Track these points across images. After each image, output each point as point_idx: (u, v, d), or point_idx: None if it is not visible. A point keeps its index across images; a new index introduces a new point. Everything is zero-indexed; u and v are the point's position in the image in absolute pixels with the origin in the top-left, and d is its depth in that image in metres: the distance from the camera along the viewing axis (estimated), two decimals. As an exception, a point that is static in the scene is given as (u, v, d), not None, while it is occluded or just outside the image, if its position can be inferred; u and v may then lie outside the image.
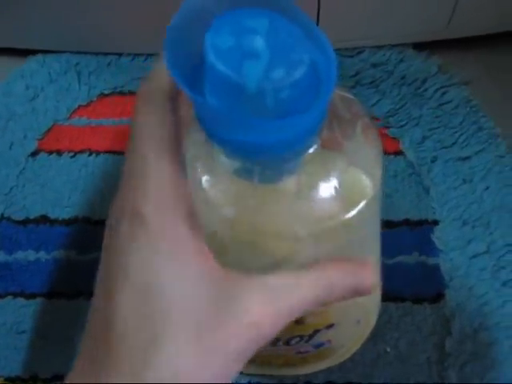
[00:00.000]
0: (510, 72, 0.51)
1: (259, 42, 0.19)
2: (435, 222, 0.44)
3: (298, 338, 0.33)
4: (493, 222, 0.43)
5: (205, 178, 0.24)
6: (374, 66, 0.51)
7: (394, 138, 0.48)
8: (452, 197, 0.45)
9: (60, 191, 0.47)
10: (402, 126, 0.48)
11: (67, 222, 0.46)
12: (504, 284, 0.41)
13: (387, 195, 0.45)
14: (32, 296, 0.43)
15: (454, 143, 0.47)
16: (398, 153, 0.47)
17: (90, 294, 0.41)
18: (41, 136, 0.50)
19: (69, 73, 0.52)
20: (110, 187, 0.47)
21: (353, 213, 0.24)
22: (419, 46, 0.52)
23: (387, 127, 0.48)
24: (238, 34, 0.19)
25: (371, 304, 0.33)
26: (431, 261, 0.42)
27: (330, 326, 0.32)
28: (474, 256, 0.42)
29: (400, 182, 0.46)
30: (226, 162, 0.23)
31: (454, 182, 0.45)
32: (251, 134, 0.19)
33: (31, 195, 0.47)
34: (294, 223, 0.24)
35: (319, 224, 0.24)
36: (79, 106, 0.51)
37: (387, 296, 0.41)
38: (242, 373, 0.41)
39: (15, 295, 0.43)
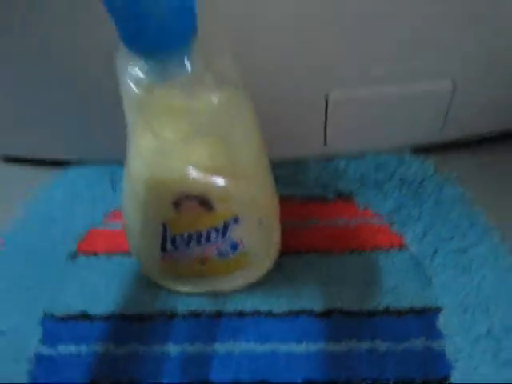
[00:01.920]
0: (500, 170, 0.57)
1: None
2: (438, 309, 0.48)
3: (214, 233, 0.41)
4: (491, 308, 0.47)
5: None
6: (377, 169, 0.57)
7: (398, 234, 0.53)
8: (453, 285, 0.49)
9: (97, 289, 0.52)
10: (404, 223, 0.53)
11: (105, 318, 0.50)
12: (504, 364, 0.45)
13: (394, 286, 0.49)
14: (74, 387, 0.47)
15: (452, 236, 0.52)
16: (402, 247, 0.52)
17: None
18: (79, 239, 0.55)
19: (103, 181, 0.59)
20: (142, 284, 0.52)
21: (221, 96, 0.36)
22: (416, 150, 0.58)
23: (391, 224, 0.53)
24: None
25: (267, 203, 0.44)
26: (437, 345, 0.46)
27: (237, 220, 0.41)
28: (476, 339, 0.46)
29: (405, 273, 0.50)
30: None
31: (454, 272, 0.50)
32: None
33: (71, 294, 0.51)
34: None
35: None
36: (114, 211, 0.56)
37: (398, 380, 0.45)
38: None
39: (58, 387, 0.47)
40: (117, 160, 0.57)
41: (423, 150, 0.58)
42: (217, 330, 0.49)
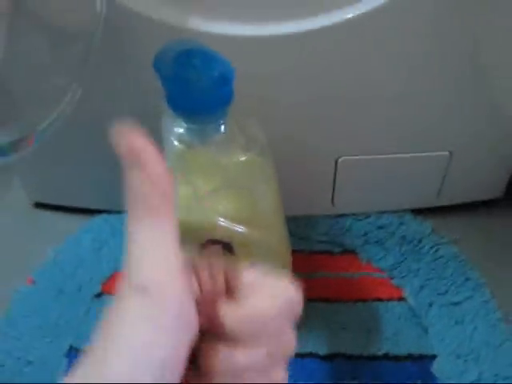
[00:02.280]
0: (492, 232, 0.62)
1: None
2: (434, 356, 0.52)
3: None
4: (482, 356, 0.52)
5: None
6: (379, 228, 0.62)
7: (398, 287, 0.58)
8: (447, 335, 0.53)
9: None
10: (403, 277, 0.58)
11: (126, 353, 0.54)
12: (493, 409, 0.49)
13: (393, 334, 0.54)
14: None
15: (446, 291, 0.57)
16: (401, 299, 0.57)
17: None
18: (104, 280, 0.60)
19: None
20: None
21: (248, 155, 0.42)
22: (416, 211, 0.63)
23: (391, 278, 0.58)
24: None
25: (283, 251, 0.49)
26: (432, 389, 0.51)
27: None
28: (467, 385, 0.50)
29: (403, 322, 0.55)
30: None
31: (448, 323, 0.54)
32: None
33: (95, 329, 0.56)
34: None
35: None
36: (137, 257, 0.61)
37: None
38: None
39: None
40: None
41: (422, 211, 0.63)
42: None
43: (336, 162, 0.57)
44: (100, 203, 0.65)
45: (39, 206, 0.68)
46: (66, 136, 0.56)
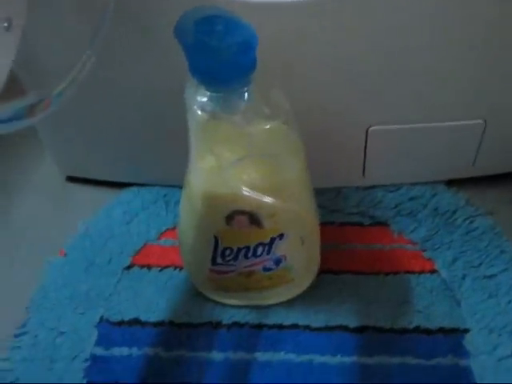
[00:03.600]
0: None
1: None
2: (466, 330, 0.51)
3: (261, 248, 0.46)
4: (516, 331, 0.51)
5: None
6: (411, 199, 0.61)
7: (430, 259, 0.56)
8: (480, 309, 0.52)
9: (150, 298, 0.56)
10: (436, 249, 0.57)
11: (155, 324, 0.54)
12: (527, 383, 0.48)
13: (424, 307, 0.53)
14: (125, 387, 0.51)
15: (480, 263, 0.55)
16: (433, 272, 0.55)
17: (174, 385, 0.49)
18: (134, 253, 0.60)
19: (158, 202, 0.64)
20: (191, 296, 0.56)
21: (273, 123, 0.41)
22: (449, 183, 0.62)
23: (423, 250, 0.57)
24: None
25: (310, 221, 0.48)
26: (463, 363, 0.49)
27: (282, 236, 0.46)
28: (500, 359, 0.49)
29: (435, 296, 0.54)
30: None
31: (481, 297, 0.53)
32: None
33: (126, 301, 0.56)
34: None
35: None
36: (166, 230, 0.61)
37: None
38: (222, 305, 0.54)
39: (111, 385, 0.51)
40: (171, 183, 0.64)
41: (456, 182, 0.62)
42: (258, 341, 0.52)
43: (367, 132, 0.56)
44: (130, 176, 0.66)
45: (71, 179, 0.68)
46: (95, 109, 0.57)
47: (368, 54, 0.48)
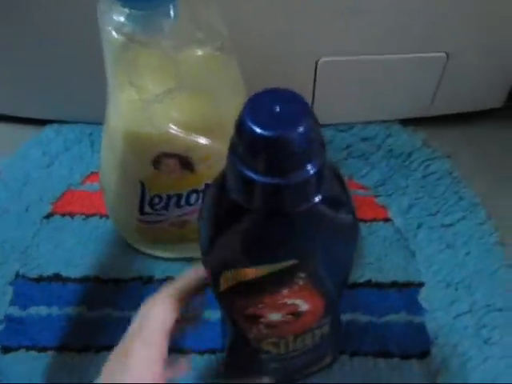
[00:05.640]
0: (488, 146, 0.56)
1: None
2: (421, 284, 0.47)
3: (195, 195, 0.41)
4: (474, 285, 0.47)
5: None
6: (364, 140, 0.56)
7: (383, 206, 0.52)
8: (436, 261, 0.48)
9: (72, 251, 0.50)
10: (389, 195, 0.52)
11: (78, 281, 0.49)
12: (485, 342, 0.44)
13: (376, 259, 0.48)
14: (44, 349, 0.46)
15: (437, 211, 0.51)
16: (386, 220, 0.51)
17: (98, 348, 0.45)
18: (55, 199, 0.54)
19: (83, 142, 0.57)
20: (118, 248, 0.50)
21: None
22: (405, 122, 0.57)
23: (376, 196, 0.52)
24: None
25: None
26: (417, 320, 0.46)
27: None
28: (457, 316, 0.45)
29: (388, 246, 0.49)
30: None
31: (438, 247, 0.49)
32: None
33: (45, 255, 0.50)
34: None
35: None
36: (92, 173, 0.55)
37: (377, 352, 0.44)
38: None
39: (28, 348, 0.46)
40: (98, 120, 0.57)
41: (412, 122, 0.57)
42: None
43: (316, 64, 0.50)
44: (51, 112, 0.59)
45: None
46: (7, 41, 0.50)
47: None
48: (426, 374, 0.43)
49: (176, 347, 0.33)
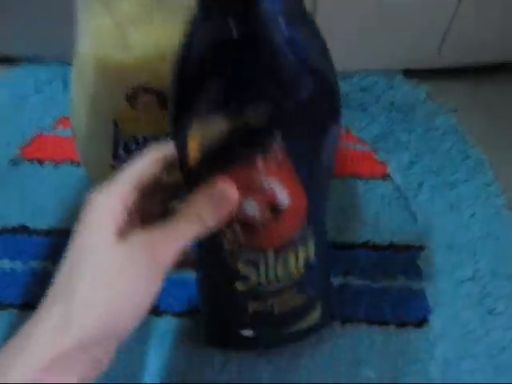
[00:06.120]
0: (495, 101, 0.52)
1: None
2: (421, 248, 0.43)
3: None
4: (479, 249, 0.43)
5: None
6: (363, 90, 0.51)
7: (382, 162, 0.48)
8: (438, 222, 0.44)
9: (40, 201, 0.46)
10: (389, 151, 0.48)
11: (46, 233, 0.44)
12: (489, 312, 0.41)
13: (374, 219, 0.45)
14: (6, 307, 0.42)
15: (441, 169, 0.47)
16: (386, 177, 0.47)
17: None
18: (24, 144, 0.49)
19: (55, 83, 0.52)
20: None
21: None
22: (409, 73, 0.53)
23: (375, 151, 0.48)
24: None
25: None
26: (416, 285, 0.42)
27: None
28: (460, 282, 0.42)
29: (387, 205, 0.46)
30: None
31: (440, 208, 0.45)
32: None
33: (9, 204, 0.46)
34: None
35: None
36: (64, 117, 0.50)
37: (371, 319, 0.40)
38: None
39: (-11, 305, 0.42)
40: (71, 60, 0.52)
41: (416, 74, 0.53)
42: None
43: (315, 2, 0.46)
44: (22, 50, 0.54)
45: None
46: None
47: None
48: (423, 345, 0.40)
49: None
